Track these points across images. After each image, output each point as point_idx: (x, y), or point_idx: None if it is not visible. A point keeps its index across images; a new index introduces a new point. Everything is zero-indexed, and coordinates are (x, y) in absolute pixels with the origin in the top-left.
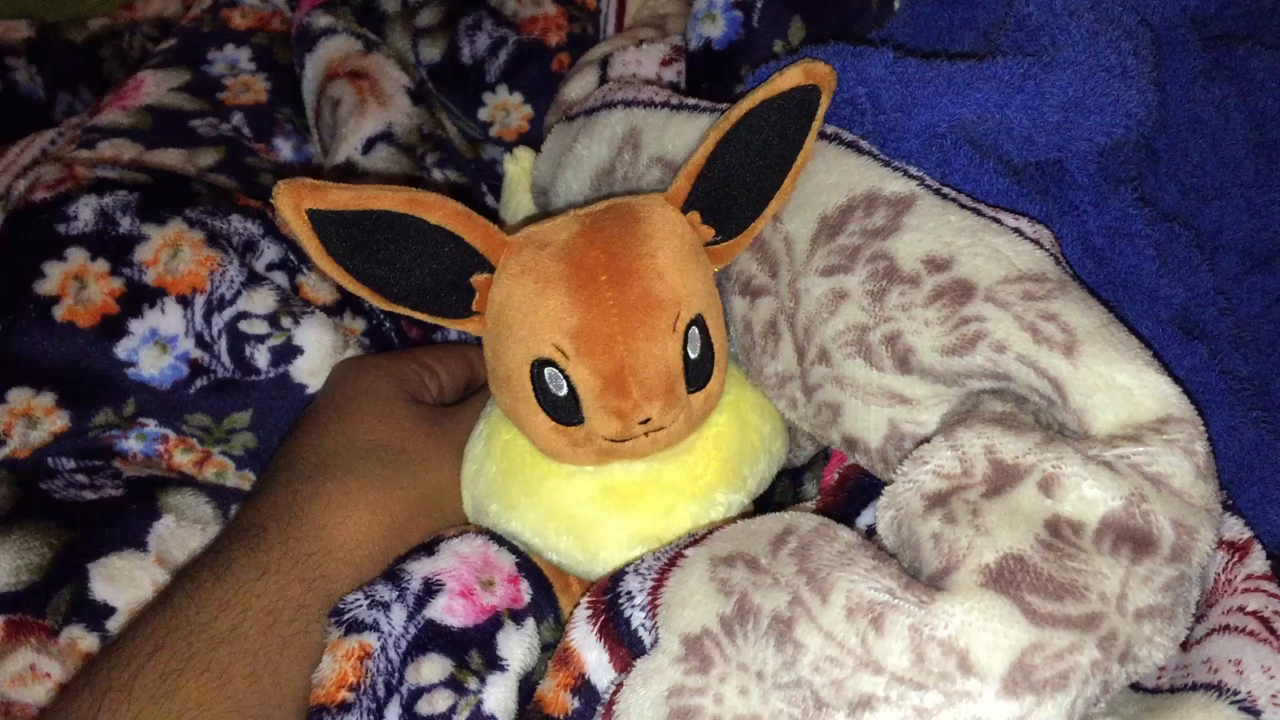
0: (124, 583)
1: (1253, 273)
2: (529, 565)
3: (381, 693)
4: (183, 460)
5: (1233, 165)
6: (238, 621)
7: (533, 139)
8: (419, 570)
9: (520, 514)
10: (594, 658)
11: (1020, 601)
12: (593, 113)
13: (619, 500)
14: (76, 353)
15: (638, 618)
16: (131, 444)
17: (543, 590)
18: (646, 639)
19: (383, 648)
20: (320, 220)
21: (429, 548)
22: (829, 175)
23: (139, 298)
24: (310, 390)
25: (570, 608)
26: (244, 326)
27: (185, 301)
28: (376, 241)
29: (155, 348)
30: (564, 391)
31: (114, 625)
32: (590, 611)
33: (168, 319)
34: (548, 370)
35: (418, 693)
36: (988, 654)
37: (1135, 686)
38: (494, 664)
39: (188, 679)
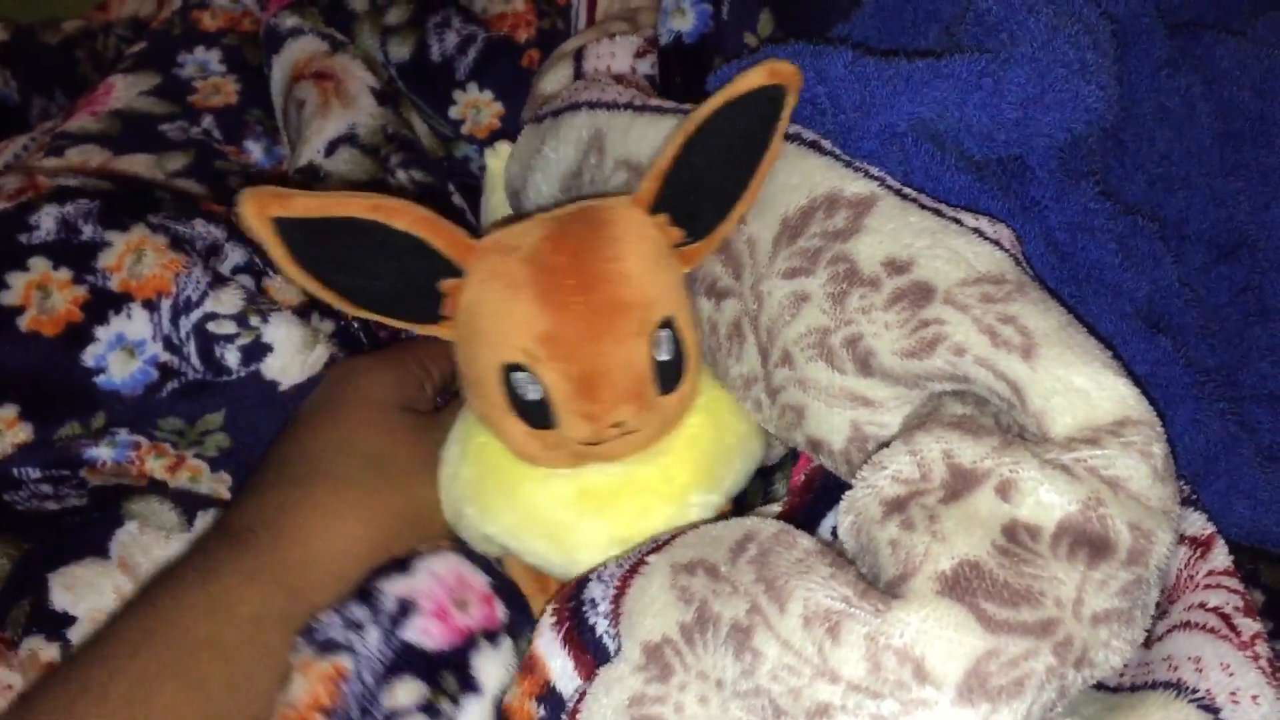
0: (84, 590)
1: (1219, 263)
2: (503, 584)
3: (356, 716)
4: (155, 466)
5: (1198, 155)
6: (219, 628)
7: (504, 136)
8: (393, 590)
9: (496, 517)
10: (559, 665)
11: (975, 609)
12: (559, 115)
13: (594, 503)
14: (42, 362)
15: (601, 625)
16: (101, 451)
17: (518, 608)
18: (611, 646)
19: (358, 670)
20: (285, 228)
21: (403, 564)
22: (790, 176)
23: (104, 304)
24: (282, 387)
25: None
26: (212, 327)
27: (151, 306)
28: (342, 248)
29: (123, 353)
30: (536, 396)
31: (75, 634)
32: (555, 619)
33: (134, 324)
34: (518, 375)
35: (391, 717)
36: (943, 662)
37: (1097, 685)
38: (468, 685)
39: (164, 684)
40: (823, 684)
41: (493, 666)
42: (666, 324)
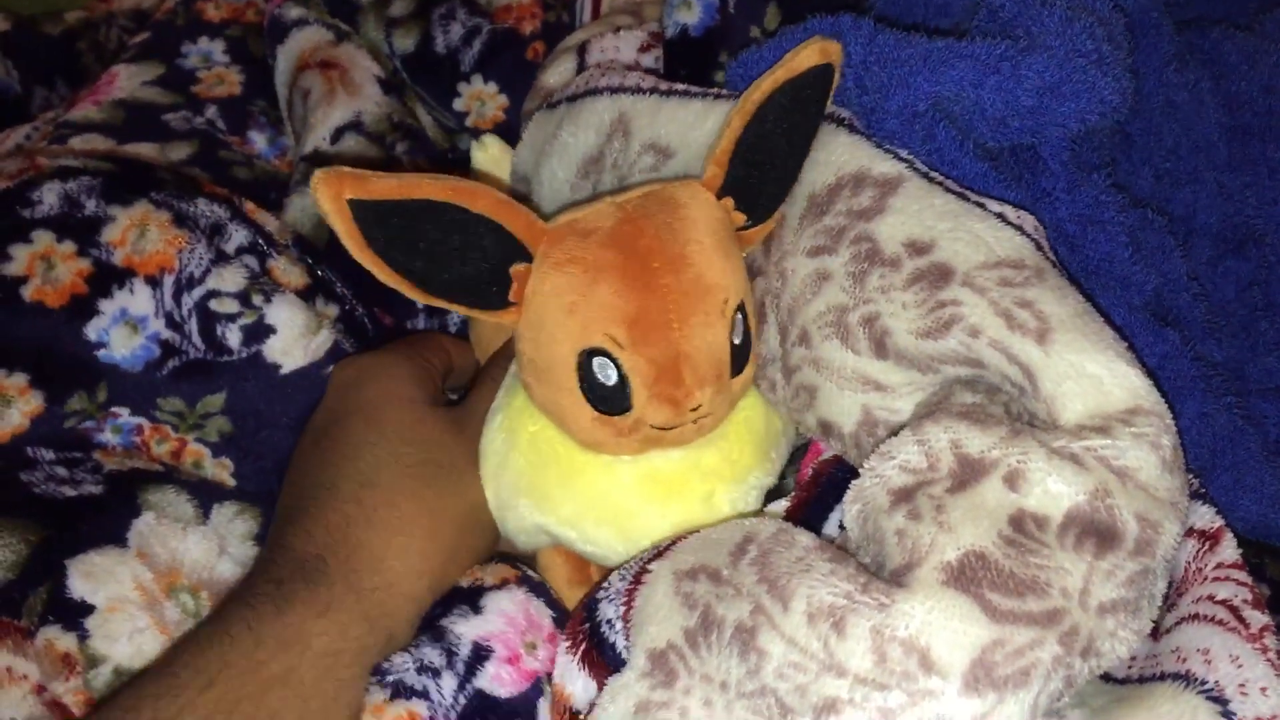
0: (103, 579)
1: (1226, 257)
2: (563, 618)
3: None
4: (160, 451)
5: (1206, 149)
6: (294, 664)
7: (509, 128)
8: (468, 633)
9: (554, 506)
10: (579, 688)
11: (980, 599)
12: (576, 99)
13: (661, 488)
14: (47, 333)
15: (621, 642)
16: (108, 436)
17: None
18: (627, 658)
19: (432, 718)
20: (361, 210)
21: (472, 601)
22: (819, 153)
23: (108, 278)
24: (284, 370)
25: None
26: (214, 305)
27: (154, 282)
28: (418, 232)
29: (126, 328)
30: (613, 381)
31: (93, 624)
32: (569, 643)
33: (137, 299)
34: (597, 360)
35: None
36: (949, 652)
37: (1105, 677)
38: None
39: None
40: (829, 679)
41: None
42: (741, 307)
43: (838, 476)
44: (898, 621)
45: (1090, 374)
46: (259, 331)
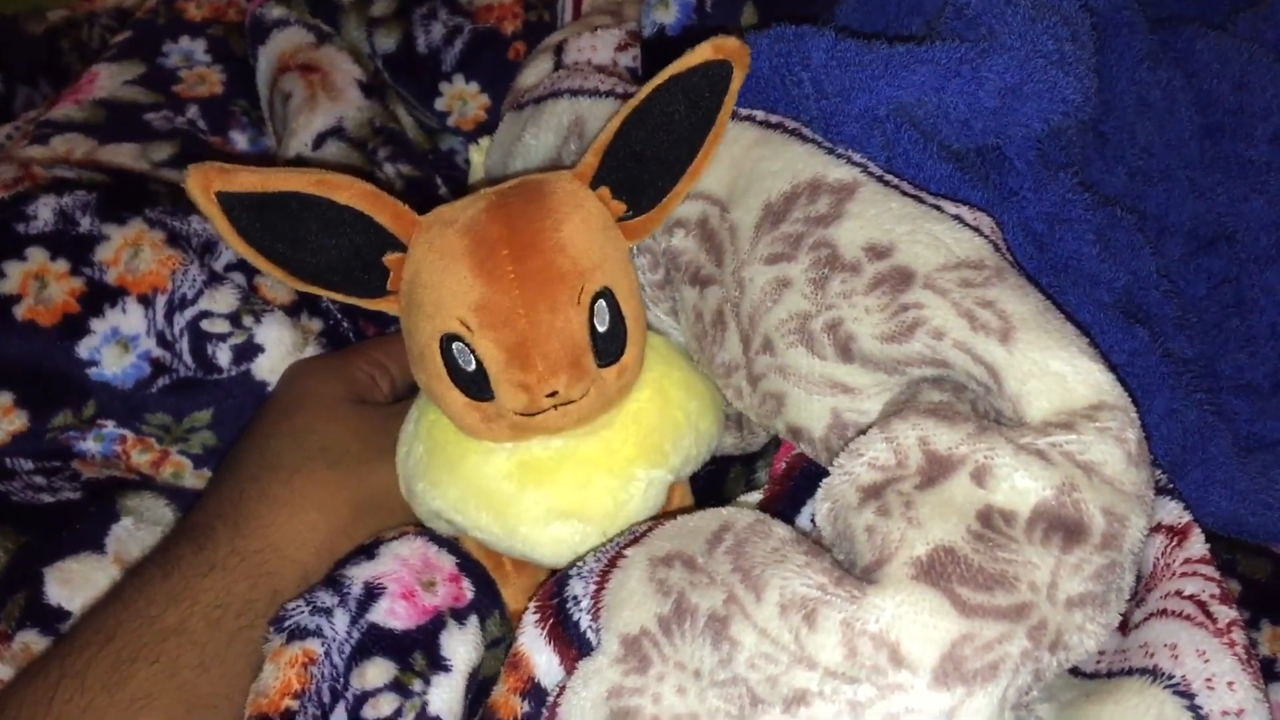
0: (80, 585)
1: (1198, 254)
2: (470, 564)
3: (327, 698)
4: (140, 460)
5: (1178, 147)
6: (185, 615)
7: (490, 128)
8: (360, 575)
9: (442, 491)
10: (544, 660)
11: (950, 593)
12: (540, 102)
13: (535, 475)
14: (38, 352)
15: (585, 620)
16: (89, 445)
17: (485, 587)
18: (594, 640)
19: (326, 653)
20: (230, 202)
21: (369, 551)
22: (773, 163)
23: (100, 297)
24: (271, 387)
25: (506, 589)
26: (206, 325)
27: (146, 301)
28: (287, 222)
29: (117, 347)
30: (472, 366)
31: (68, 629)
32: (538, 615)
33: (129, 318)
34: (455, 345)
35: (363, 697)
36: (918, 646)
37: (1074, 671)
38: (438, 664)
39: (139, 668)
40: (800, 671)
41: (460, 645)
42: (605, 294)
43: (811, 471)
44: (868, 615)
45: (1054, 371)
46: (249, 351)
